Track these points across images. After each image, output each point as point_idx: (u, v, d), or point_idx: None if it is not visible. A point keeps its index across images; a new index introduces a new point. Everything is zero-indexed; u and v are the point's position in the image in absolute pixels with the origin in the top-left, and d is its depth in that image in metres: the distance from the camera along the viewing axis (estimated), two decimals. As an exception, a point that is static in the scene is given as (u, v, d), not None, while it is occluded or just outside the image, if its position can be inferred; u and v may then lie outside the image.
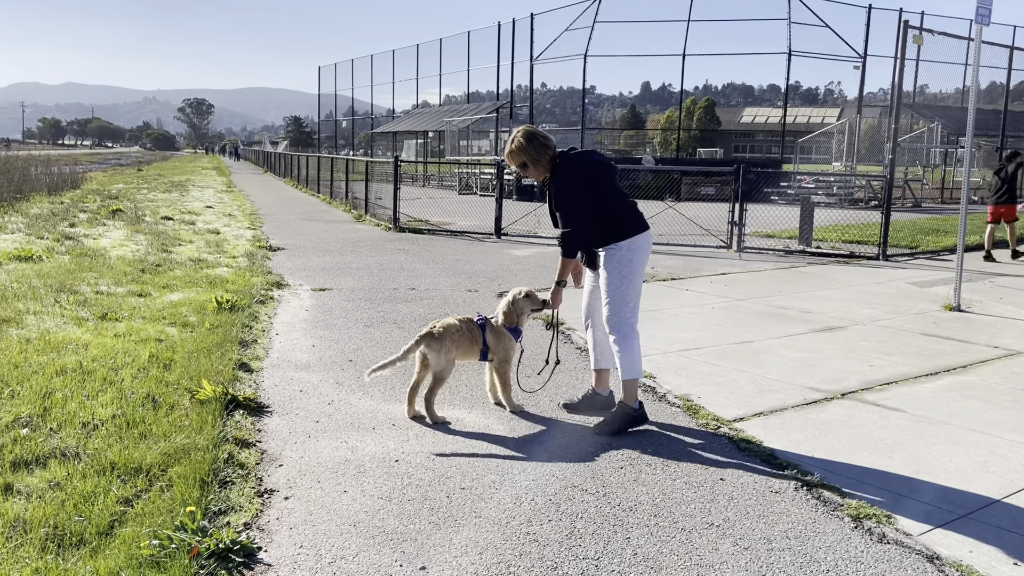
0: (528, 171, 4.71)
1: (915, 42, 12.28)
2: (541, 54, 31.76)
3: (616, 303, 4.60)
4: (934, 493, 3.83)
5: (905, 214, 20.84)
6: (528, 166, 4.67)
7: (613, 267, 4.61)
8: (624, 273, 4.59)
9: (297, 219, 17.39)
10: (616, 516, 3.54)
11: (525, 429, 4.62)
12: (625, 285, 4.59)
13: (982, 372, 5.99)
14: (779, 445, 4.39)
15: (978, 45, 8.60)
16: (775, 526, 3.47)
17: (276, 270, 9.95)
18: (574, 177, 4.59)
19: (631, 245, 4.60)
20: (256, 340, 6.40)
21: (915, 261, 12.36)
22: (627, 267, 4.59)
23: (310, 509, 3.54)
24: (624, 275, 4.59)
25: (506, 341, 4.82)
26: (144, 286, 8.28)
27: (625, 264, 4.59)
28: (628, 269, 4.59)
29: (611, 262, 4.61)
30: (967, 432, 4.67)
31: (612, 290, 4.60)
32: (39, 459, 3.86)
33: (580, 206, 4.55)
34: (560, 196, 4.58)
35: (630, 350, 4.58)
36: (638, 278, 4.64)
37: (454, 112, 38.13)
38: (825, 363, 6.11)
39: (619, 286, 4.59)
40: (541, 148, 4.63)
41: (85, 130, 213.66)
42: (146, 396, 4.76)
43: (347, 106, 55.23)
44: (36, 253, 10.07)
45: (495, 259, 11.56)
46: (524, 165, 4.68)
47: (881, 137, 32.84)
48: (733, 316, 7.77)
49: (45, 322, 6.50)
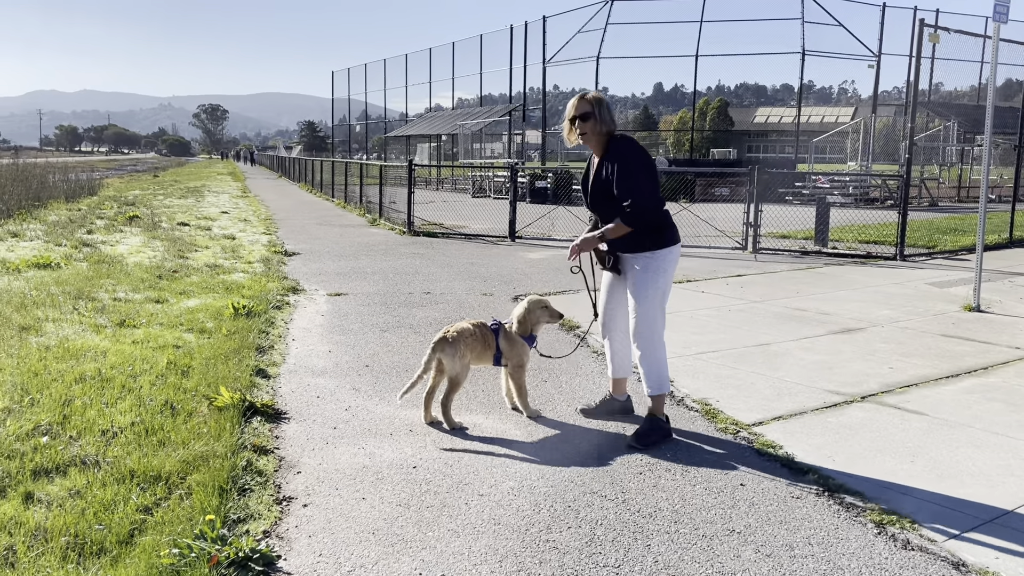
0: (587, 126, 4.42)
1: (931, 40, 12.17)
2: (554, 56, 31.76)
3: (648, 315, 4.44)
4: (958, 498, 3.78)
5: (922, 213, 20.67)
6: (591, 120, 4.40)
7: (648, 277, 4.42)
8: (659, 284, 4.43)
9: (312, 224, 17.45)
10: (636, 523, 3.51)
11: (543, 434, 4.60)
12: (659, 297, 4.45)
13: (1004, 374, 5.92)
14: (799, 449, 4.35)
15: (995, 43, 8.51)
16: (797, 532, 3.43)
17: (292, 275, 9.99)
18: (642, 154, 4.39)
19: (668, 255, 4.46)
20: (273, 346, 6.41)
21: (933, 261, 12.25)
22: (663, 278, 4.44)
23: (329, 517, 3.54)
24: (659, 286, 4.43)
25: (519, 347, 4.80)
26: (161, 292, 8.33)
27: (661, 275, 4.43)
28: (663, 280, 4.45)
29: (646, 272, 4.42)
30: (990, 435, 4.61)
31: (645, 302, 4.43)
32: (59, 467, 3.88)
33: (641, 180, 4.32)
34: (623, 170, 4.32)
35: (660, 364, 4.48)
36: (669, 290, 4.52)
37: (467, 115, 38.20)
38: (844, 365, 6.06)
39: (653, 298, 4.43)
40: (608, 112, 4.45)
41: (101, 137, 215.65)
42: (164, 403, 4.78)
43: (360, 110, 55.50)
44: (54, 260, 10.15)
45: (510, 262, 11.55)
46: (588, 117, 4.41)
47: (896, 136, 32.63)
48: (750, 318, 7.73)
49: (64, 329, 6.54)
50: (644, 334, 4.46)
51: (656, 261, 4.41)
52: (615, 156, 4.39)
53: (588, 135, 4.48)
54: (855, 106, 62.08)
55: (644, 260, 4.43)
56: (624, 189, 4.33)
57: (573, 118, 4.48)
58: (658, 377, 4.48)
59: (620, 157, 4.37)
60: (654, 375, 4.48)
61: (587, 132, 4.46)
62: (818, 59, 28.02)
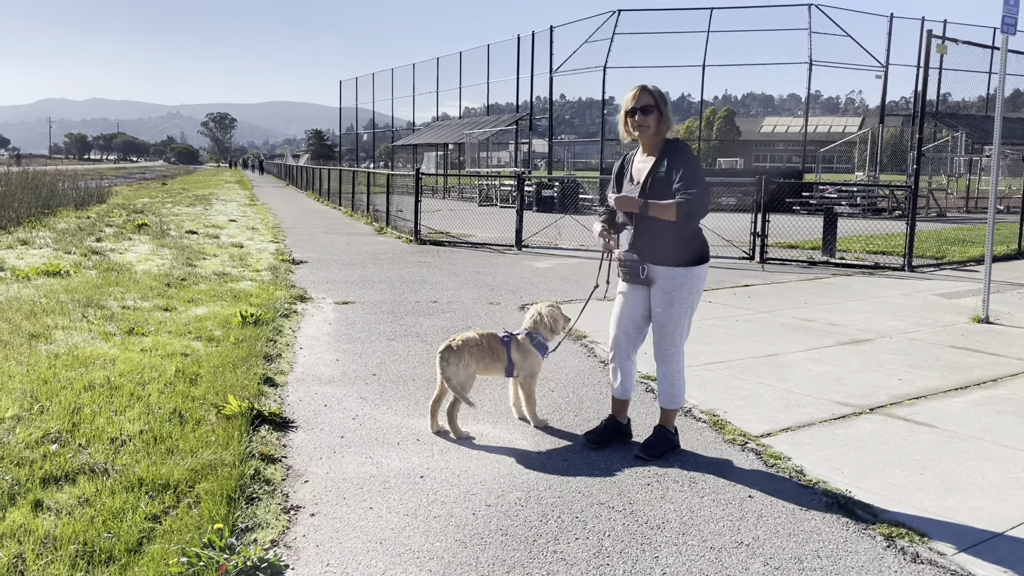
0: (651, 119, 4.20)
1: (939, 51, 12.17)
2: (561, 66, 31.84)
3: (678, 334, 4.34)
4: (967, 511, 3.76)
5: (930, 224, 20.63)
6: (653, 112, 4.19)
7: (683, 295, 4.27)
8: (691, 303, 4.30)
9: (319, 232, 17.50)
10: (644, 534, 3.50)
11: (550, 444, 4.59)
12: (689, 315, 4.34)
13: (1013, 386, 5.89)
14: (808, 461, 4.33)
15: (1004, 54, 8.51)
16: (806, 545, 3.42)
17: (299, 283, 10.01)
18: (699, 161, 4.29)
19: (702, 273, 4.33)
20: (280, 354, 6.43)
21: (941, 272, 12.21)
22: (695, 296, 4.31)
23: (336, 526, 3.54)
24: (691, 305, 4.31)
25: (532, 357, 4.79)
26: (170, 300, 8.36)
27: (695, 293, 4.30)
28: (695, 299, 4.32)
29: (680, 289, 4.25)
30: (1000, 448, 4.59)
31: (675, 320, 4.30)
32: (68, 475, 3.89)
33: (707, 185, 4.20)
34: (693, 168, 4.15)
35: (679, 379, 4.43)
36: (696, 308, 4.41)
37: (474, 124, 38.29)
38: (852, 377, 6.04)
39: (683, 316, 4.31)
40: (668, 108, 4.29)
41: (110, 145, 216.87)
42: (173, 411, 4.79)
43: (368, 119, 55.65)
44: (64, 268, 10.20)
45: (516, 271, 11.56)
46: (651, 109, 4.19)
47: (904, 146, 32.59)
48: (757, 328, 7.71)
49: (73, 337, 6.57)
50: (671, 353, 4.38)
51: (693, 279, 4.27)
52: (680, 156, 4.20)
53: (648, 129, 4.22)
54: (862, 116, 62.02)
55: (682, 277, 4.25)
56: (691, 183, 4.12)
57: (632, 109, 4.22)
58: (677, 393, 4.44)
59: (687, 159, 4.20)
60: (673, 391, 4.43)
61: (649, 125, 4.21)
62: (825, 69, 28.04)
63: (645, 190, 4.24)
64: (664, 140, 4.29)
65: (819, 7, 27.80)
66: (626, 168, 4.47)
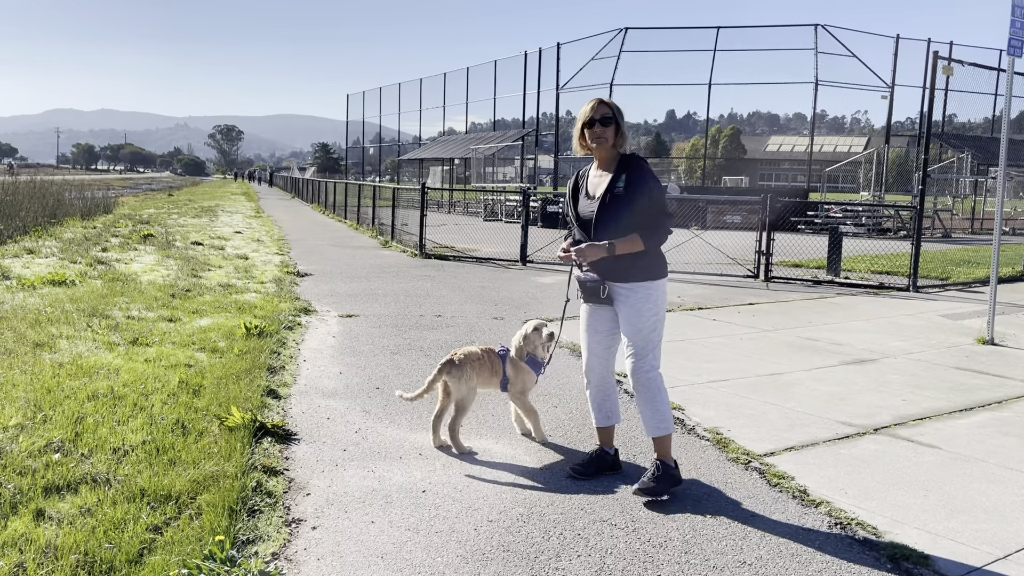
0: (609, 131, 4.16)
1: (945, 72, 12.22)
2: (567, 83, 31.99)
3: (647, 349, 4.14)
4: (972, 533, 3.74)
5: (935, 245, 20.61)
6: (611, 124, 4.16)
7: (649, 309, 4.14)
8: (660, 315, 4.18)
9: (324, 245, 17.54)
10: (646, 552, 3.49)
11: (552, 460, 4.58)
12: (659, 329, 4.18)
13: (1018, 408, 5.87)
14: (811, 481, 4.32)
15: (1010, 76, 8.53)
16: (809, 566, 3.40)
17: (304, 296, 10.03)
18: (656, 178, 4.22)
19: (664, 285, 4.24)
20: (284, 366, 6.43)
21: (946, 293, 12.19)
22: (662, 310, 4.20)
23: (337, 540, 3.53)
24: (660, 318, 4.18)
25: (524, 374, 4.78)
26: (174, 311, 8.38)
27: (660, 306, 4.18)
28: (663, 312, 4.21)
29: (646, 302, 4.13)
30: (1004, 470, 4.57)
31: (646, 335, 4.14)
32: (71, 485, 3.89)
33: (668, 204, 4.18)
34: (655, 186, 4.13)
35: (662, 402, 4.15)
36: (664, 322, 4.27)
37: (480, 139, 38.43)
38: (856, 397, 6.02)
39: (653, 330, 4.16)
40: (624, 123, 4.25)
41: (118, 155, 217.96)
42: (176, 422, 4.79)
43: (374, 133, 55.98)
44: (69, 277, 10.23)
45: (521, 286, 11.56)
46: (609, 121, 4.16)
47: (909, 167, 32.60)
48: (762, 347, 7.70)
49: (77, 346, 6.58)
50: (644, 369, 4.13)
51: (656, 291, 4.16)
52: (638, 172, 4.15)
53: (606, 141, 4.18)
54: (868, 136, 62.03)
55: (645, 290, 4.14)
56: (654, 207, 4.09)
57: (591, 120, 4.18)
58: (663, 417, 4.15)
59: (646, 174, 4.15)
60: (657, 415, 4.14)
61: (608, 138, 4.18)
62: (831, 89, 28.14)
63: (605, 204, 4.16)
64: (620, 154, 4.25)
65: (825, 27, 27.95)
66: (580, 184, 4.38)
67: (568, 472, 4.39)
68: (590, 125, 4.19)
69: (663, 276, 4.23)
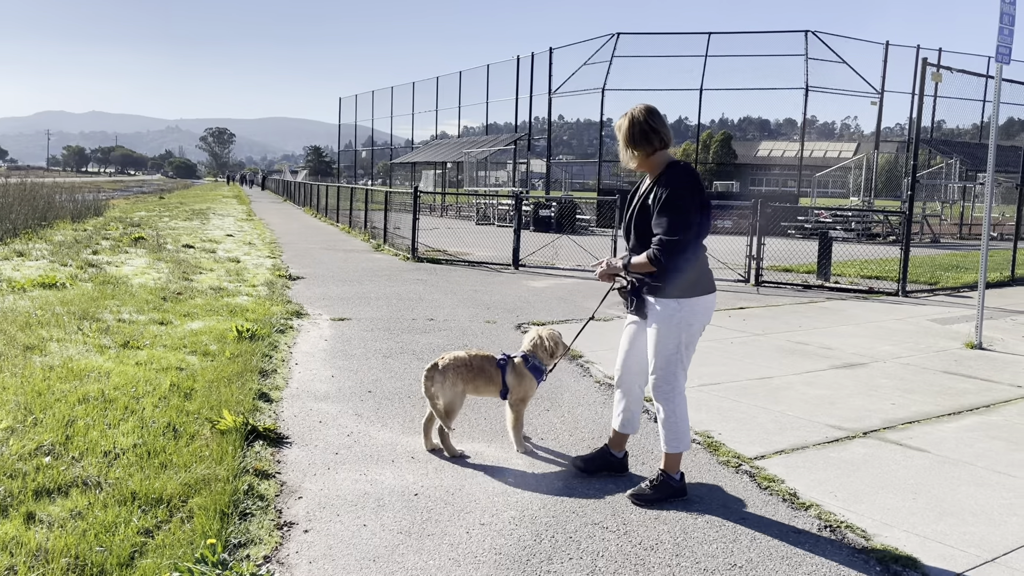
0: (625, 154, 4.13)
1: (934, 79, 12.30)
2: (559, 87, 32.06)
3: (668, 370, 4.05)
4: (960, 536, 3.77)
5: (923, 250, 20.73)
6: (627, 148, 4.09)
7: (672, 329, 3.99)
8: (683, 339, 4.01)
9: (316, 248, 17.52)
10: (637, 555, 3.50)
11: (544, 464, 4.60)
12: (682, 351, 4.03)
13: (1006, 412, 5.91)
14: (801, 484, 4.34)
15: (998, 83, 8.60)
16: (799, 568, 3.42)
17: (296, 299, 10.01)
18: (693, 189, 3.97)
19: (696, 305, 4.00)
20: (276, 370, 6.43)
21: (935, 297, 12.27)
22: (686, 332, 4.01)
23: (329, 543, 3.53)
24: (683, 340, 4.01)
25: (527, 382, 4.74)
26: (165, 314, 8.35)
27: (684, 328, 4.00)
28: (687, 334, 4.02)
29: (670, 322, 3.99)
30: (992, 474, 4.60)
31: (666, 356, 4.02)
32: (61, 488, 3.88)
33: (693, 217, 3.93)
34: (676, 199, 3.90)
35: (680, 421, 4.10)
36: (695, 343, 4.09)
37: (472, 143, 38.46)
38: (846, 400, 6.06)
39: (675, 352, 4.02)
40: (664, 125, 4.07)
41: (108, 158, 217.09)
42: (167, 425, 4.78)
43: (367, 136, 55.89)
44: (60, 280, 10.19)
45: (513, 290, 11.58)
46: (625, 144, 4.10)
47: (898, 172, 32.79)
48: (752, 351, 7.73)
49: (68, 349, 6.56)
50: (664, 391, 4.08)
51: (684, 311, 3.98)
52: (667, 183, 3.96)
53: (631, 162, 4.15)
54: (858, 142, 62.40)
55: (671, 307, 3.99)
56: (661, 222, 3.93)
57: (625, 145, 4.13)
58: (679, 436, 4.11)
59: (671, 187, 3.93)
60: (675, 434, 4.11)
61: (626, 159, 4.17)
62: (821, 95, 28.25)
63: (633, 214, 4.12)
64: (667, 162, 4.07)
65: (815, 34, 28.09)
66: (636, 193, 4.27)
67: (573, 461, 4.49)
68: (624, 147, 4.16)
69: (696, 295, 4.00)
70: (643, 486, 4.16)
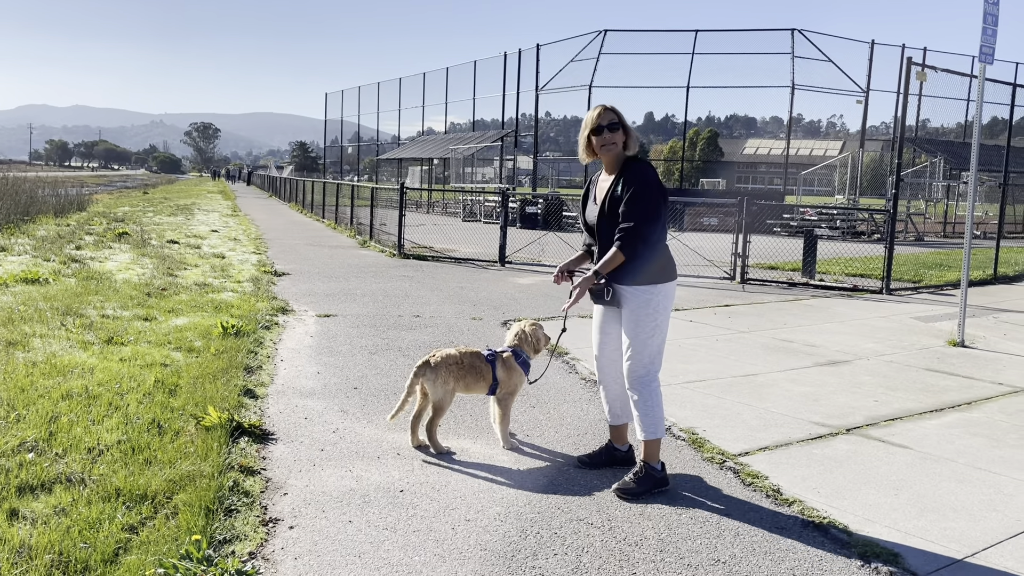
0: (617, 135, 4.17)
1: (919, 78, 12.40)
2: (547, 84, 32.05)
3: (644, 355, 4.15)
4: (940, 532, 3.81)
5: (908, 248, 20.89)
6: (619, 130, 4.16)
7: (647, 314, 4.13)
8: (658, 322, 4.14)
9: (302, 244, 17.46)
10: (622, 551, 3.52)
11: (530, 461, 4.61)
12: (657, 335, 4.16)
13: (987, 409, 5.98)
14: (785, 480, 4.38)
15: (981, 83, 8.68)
16: (781, 563, 3.45)
17: (281, 295, 9.98)
18: (654, 181, 4.11)
19: (667, 290, 4.17)
20: (261, 366, 6.41)
21: (918, 295, 12.37)
22: (662, 315, 4.15)
23: (315, 539, 3.53)
24: (658, 324, 4.15)
25: (516, 376, 4.78)
26: (150, 310, 8.31)
27: (660, 312, 4.14)
28: (663, 318, 4.16)
29: (645, 308, 4.12)
30: (973, 470, 4.66)
31: (642, 340, 4.14)
32: (44, 484, 3.86)
33: (660, 207, 4.08)
34: (639, 193, 4.04)
35: (654, 407, 4.18)
36: (667, 328, 4.23)
37: (459, 140, 38.41)
38: (830, 397, 6.11)
39: (651, 336, 4.14)
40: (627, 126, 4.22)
41: (92, 152, 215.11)
42: (151, 422, 4.76)
43: (353, 132, 55.68)
44: (43, 275, 10.12)
45: (499, 287, 11.58)
46: (616, 126, 4.17)
47: (883, 170, 33.01)
48: (737, 348, 7.78)
49: (51, 345, 6.52)
50: (641, 376, 4.17)
51: (656, 296, 4.13)
52: (635, 177, 4.09)
53: (616, 147, 4.18)
54: (843, 140, 62.81)
55: (643, 294, 4.12)
56: (632, 212, 4.05)
57: (599, 128, 4.18)
58: (654, 421, 4.18)
59: (640, 180, 4.08)
60: (650, 420, 4.18)
61: (616, 143, 4.18)
62: (807, 93, 28.40)
63: (604, 210, 4.20)
64: (625, 158, 4.23)
65: (802, 32, 28.23)
66: (591, 189, 4.41)
67: (579, 459, 4.56)
68: (598, 132, 4.19)
69: (666, 280, 4.17)
70: (627, 479, 4.19)
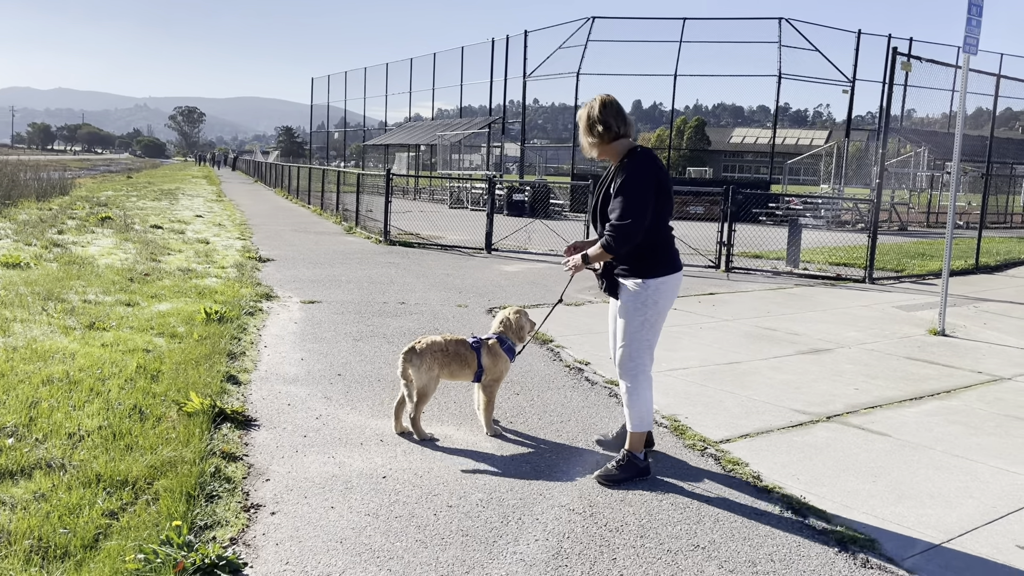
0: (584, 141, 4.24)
1: (904, 68, 12.44)
2: (534, 71, 31.94)
3: (632, 347, 4.18)
4: (917, 518, 3.86)
5: (891, 237, 21.02)
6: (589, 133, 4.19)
7: (636, 307, 4.13)
8: (648, 316, 4.14)
9: (287, 230, 17.37)
10: (603, 536, 3.55)
11: (513, 448, 4.63)
12: (646, 329, 4.16)
13: (965, 397, 6.04)
14: (765, 467, 4.42)
15: (965, 73, 8.73)
16: (760, 549, 3.49)
17: (265, 281, 9.94)
18: (650, 173, 4.05)
19: (661, 285, 4.12)
20: (244, 352, 6.39)
21: (901, 285, 12.46)
22: (652, 309, 4.13)
23: (296, 525, 3.54)
24: (647, 318, 4.14)
25: (502, 363, 4.80)
26: (132, 295, 8.25)
27: (650, 306, 4.12)
28: (653, 312, 4.14)
29: (635, 300, 4.13)
30: (950, 457, 4.71)
31: (631, 333, 4.16)
32: (24, 470, 3.84)
33: (648, 202, 4.00)
34: (631, 184, 4.01)
35: (642, 400, 4.20)
36: (661, 322, 4.21)
37: (446, 126, 38.25)
38: (811, 385, 6.15)
39: (639, 329, 4.15)
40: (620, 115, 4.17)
41: (75, 136, 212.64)
42: (133, 407, 4.74)
43: (339, 117, 55.33)
44: (24, 260, 10.02)
45: (485, 274, 11.58)
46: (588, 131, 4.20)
47: (868, 160, 33.14)
48: (721, 336, 7.82)
49: (32, 330, 6.46)
50: (628, 368, 4.21)
51: (648, 290, 4.10)
52: (626, 172, 4.07)
53: (595, 148, 4.26)
54: (829, 129, 63.01)
55: (636, 287, 4.12)
56: (616, 208, 4.02)
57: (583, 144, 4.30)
58: (640, 414, 4.20)
59: (631, 176, 4.04)
60: (636, 411, 4.20)
61: (585, 146, 4.30)
62: (794, 82, 28.43)
63: (598, 204, 4.25)
64: (629, 148, 4.18)
65: (789, 21, 28.23)
66: (604, 181, 4.33)
67: (597, 440, 4.67)
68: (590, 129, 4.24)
69: (656, 276, 4.11)
70: (609, 467, 4.22)
